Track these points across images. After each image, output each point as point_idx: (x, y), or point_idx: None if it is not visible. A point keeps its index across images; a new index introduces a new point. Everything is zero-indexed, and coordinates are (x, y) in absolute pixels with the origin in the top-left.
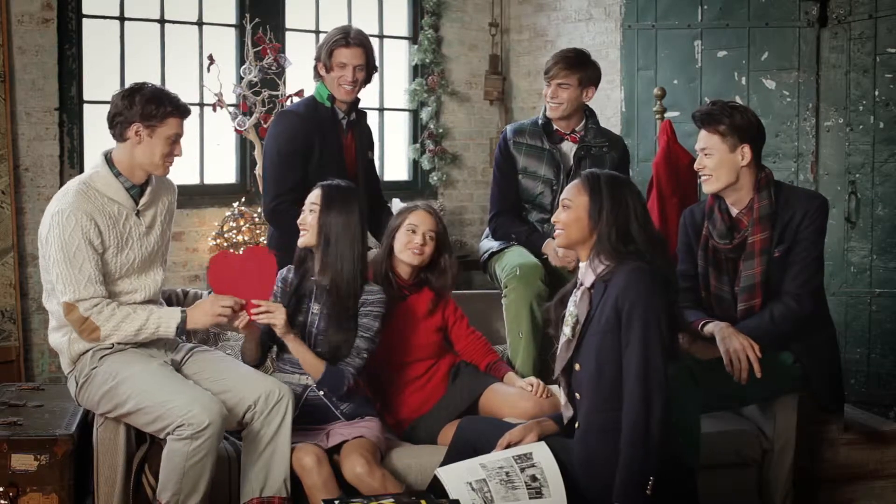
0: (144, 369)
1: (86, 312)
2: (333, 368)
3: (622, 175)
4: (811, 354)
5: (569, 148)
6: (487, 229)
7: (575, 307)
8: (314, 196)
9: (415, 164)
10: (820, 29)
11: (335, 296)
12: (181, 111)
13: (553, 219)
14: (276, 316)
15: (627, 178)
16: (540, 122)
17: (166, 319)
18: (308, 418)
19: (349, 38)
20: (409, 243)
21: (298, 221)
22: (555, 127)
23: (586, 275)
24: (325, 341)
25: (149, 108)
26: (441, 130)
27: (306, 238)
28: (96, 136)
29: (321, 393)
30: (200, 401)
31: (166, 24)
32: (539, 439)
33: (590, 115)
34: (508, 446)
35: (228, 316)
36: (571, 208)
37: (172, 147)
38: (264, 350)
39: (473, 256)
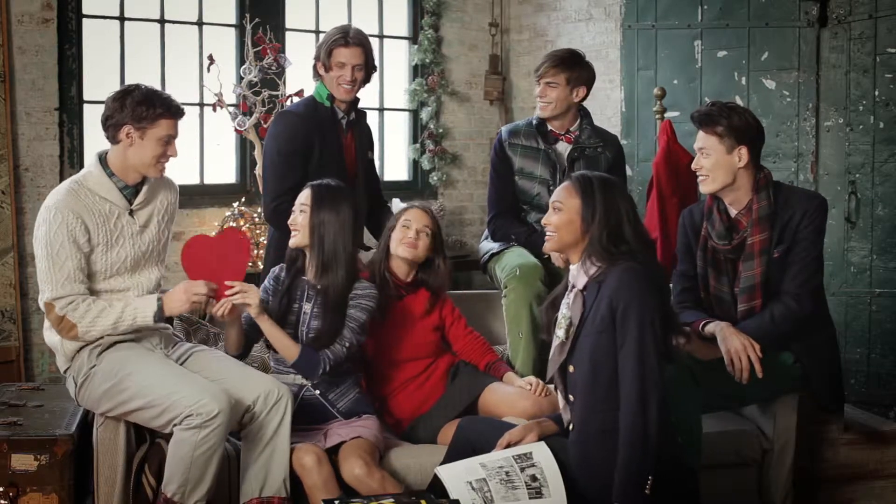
0: (146, 364)
1: (61, 311)
2: (309, 351)
3: (612, 177)
4: (811, 354)
5: (564, 148)
6: (487, 231)
7: (568, 309)
8: (304, 196)
9: (415, 164)
10: (820, 29)
11: (328, 295)
12: (173, 112)
13: (544, 221)
14: (249, 296)
15: (617, 179)
16: (534, 122)
17: (142, 308)
18: (305, 418)
19: (348, 37)
20: (403, 238)
21: (289, 222)
22: (549, 127)
23: (578, 277)
24: (316, 339)
25: (139, 110)
26: (441, 130)
27: (298, 238)
28: (96, 136)
29: (317, 392)
30: (210, 390)
31: (166, 24)
32: (539, 439)
33: (584, 115)
34: (508, 446)
35: (202, 301)
36: (563, 211)
37: (165, 148)
38: (248, 342)
39: (473, 256)
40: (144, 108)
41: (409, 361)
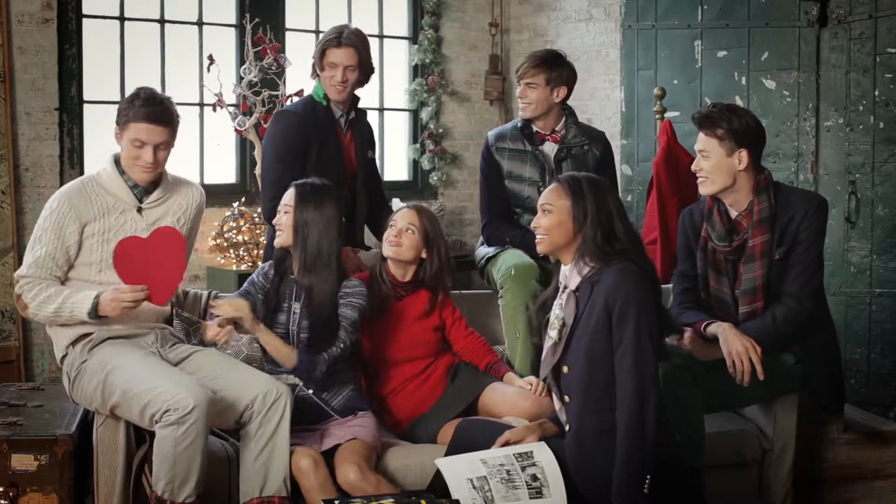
0: (132, 359)
1: (19, 289)
2: (306, 355)
3: (599, 176)
4: (811, 354)
5: (550, 148)
6: (482, 237)
7: (560, 310)
8: (288, 197)
9: (415, 164)
10: (820, 29)
11: (313, 293)
12: (143, 117)
13: (533, 224)
14: (240, 310)
15: (604, 179)
16: (519, 125)
17: (79, 305)
18: (301, 418)
19: (341, 38)
20: (387, 237)
21: (274, 222)
22: (534, 128)
23: (571, 277)
24: (310, 338)
25: (121, 108)
26: (441, 130)
27: (282, 238)
28: (96, 136)
29: (310, 391)
30: (185, 385)
31: (166, 24)
32: (539, 440)
33: (569, 114)
34: (507, 444)
35: (132, 308)
36: (553, 212)
37: (138, 152)
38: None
39: (473, 256)
40: (125, 108)
41: (409, 361)
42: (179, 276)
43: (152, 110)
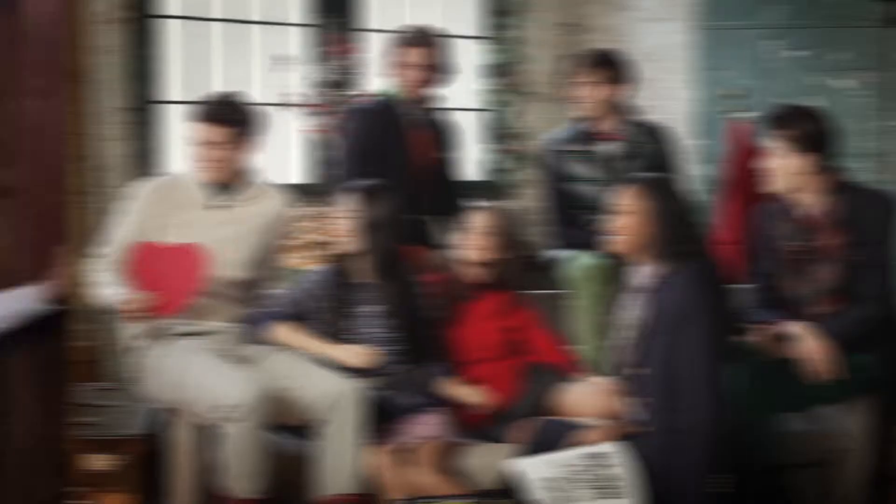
0: (194, 356)
1: (85, 266)
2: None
3: (675, 177)
4: (888, 354)
5: (611, 147)
6: (550, 240)
7: (635, 311)
8: (347, 202)
9: (490, 165)
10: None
11: (394, 293)
12: (197, 116)
13: (611, 225)
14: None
15: (679, 180)
16: (578, 125)
17: (112, 296)
18: (372, 418)
19: (416, 37)
20: (465, 242)
21: (334, 232)
22: (594, 129)
23: (646, 278)
24: (402, 339)
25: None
26: (516, 130)
27: (348, 244)
28: (167, 136)
29: (382, 392)
30: (239, 382)
31: (238, 24)
32: (615, 441)
33: (628, 111)
34: (582, 445)
35: (136, 318)
36: (630, 214)
37: (194, 150)
38: None
39: (545, 257)
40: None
41: (482, 362)
42: (191, 292)
43: (202, 109)
